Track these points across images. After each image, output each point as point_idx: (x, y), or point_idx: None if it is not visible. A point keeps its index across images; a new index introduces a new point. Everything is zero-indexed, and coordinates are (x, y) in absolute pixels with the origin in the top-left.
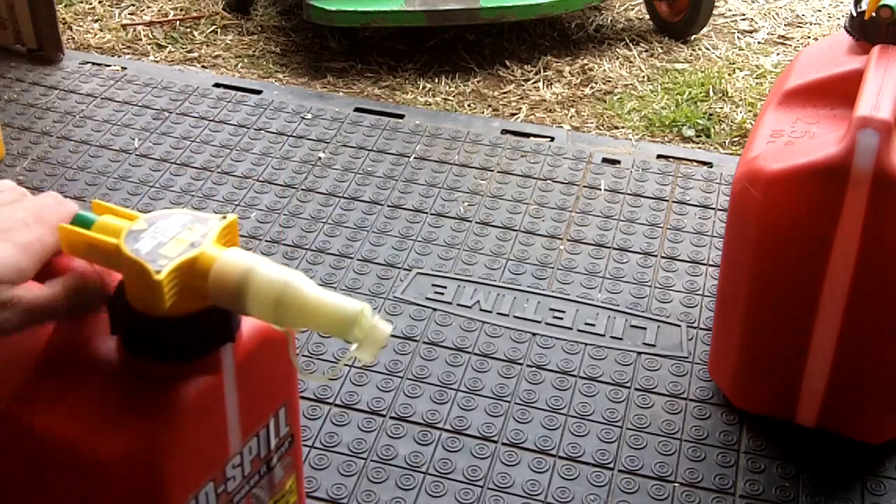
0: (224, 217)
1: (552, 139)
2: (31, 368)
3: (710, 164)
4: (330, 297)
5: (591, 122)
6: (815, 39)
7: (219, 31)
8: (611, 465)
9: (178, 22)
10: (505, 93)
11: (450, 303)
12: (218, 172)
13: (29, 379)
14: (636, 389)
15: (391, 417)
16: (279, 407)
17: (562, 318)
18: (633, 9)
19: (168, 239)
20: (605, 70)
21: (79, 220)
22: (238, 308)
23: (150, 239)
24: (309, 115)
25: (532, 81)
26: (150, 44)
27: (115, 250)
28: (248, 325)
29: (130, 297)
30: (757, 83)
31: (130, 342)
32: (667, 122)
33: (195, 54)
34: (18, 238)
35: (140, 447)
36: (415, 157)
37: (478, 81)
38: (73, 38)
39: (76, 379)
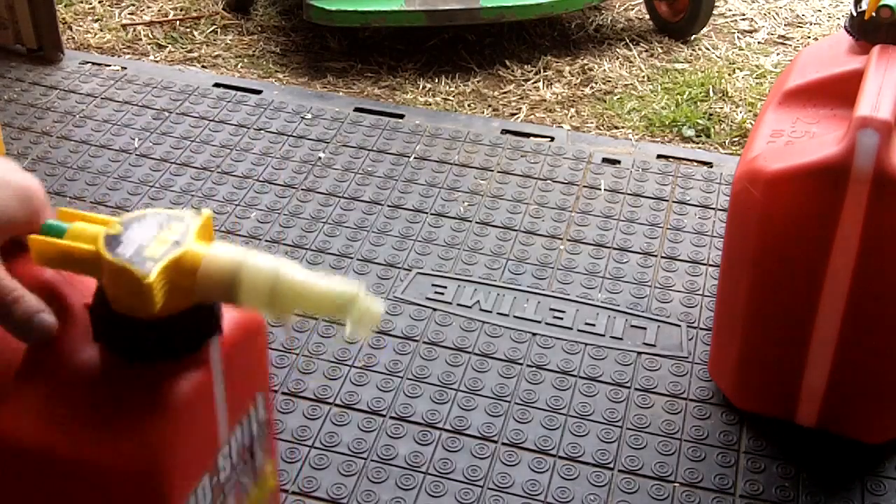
0: (199, 212)
1: (552, 139)
2: (10, 381)
3: (710, 164)
4: (323, 280)
5: (591, 122)
6: (815, 39)
7: (219, 31)
8: (611, 465)
9: (178, 22)
10: (505, 93)
11: (450, 303)
12: (218, 172)
13: (10, 392)
14: (636, 389)
15: (391, 417)
16: (257, 394)
17: (562, 318)
18: (633, 9)
19: (149, 240)
20: (605, 70)
21: (49, 230)
22: (230, 301)
23: (131, 242)
24: (309, 115)
25: (532, 81)
26: (150, 44)
27: (92, 257)
28: (226, 314)
29: (114, 302)
30: (757, 83)
31: (118, 346)
32: (667, 122)
33: (195, 54)
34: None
35: (143, 451)
36: (415, 157)
37: (478, 81)
38: (73, 38)
39: (64, 388)
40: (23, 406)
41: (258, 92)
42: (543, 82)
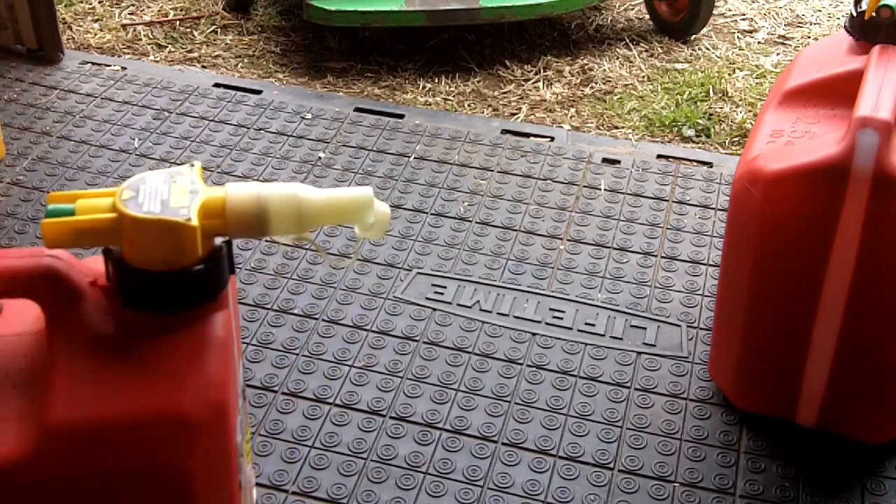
0: (192, 165)
1: (552, 139)
2: (40, 369)
3: (710, 164)
4: (336, 192)
5: (591, 122)
6: (815, 39)
7: (219, 31)
8: (611, 465)
9: (177, 22)
10: (505, 93)
11: (450, 303)
12: (218, 172)
13: (50, 379)
14: (636, 389)
15: (391, 417)
16: (239, 336)
17: (562, 318)
18: (633, 9)
19: (167, 194)
20: (605, 70)
21: (54, 213)
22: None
23: (152, 199)
24: (309, 115)
25: (532, 81)
26: (150, 44)
27: (111, 225)
28: None
29: (145, 262)
30: (757, 83)
31: (152, 303)
32: (667, 122)
33: (195, 54)
34: None
35: (211, 390)
36: (415, 157)
37: (478, 81)
38: (73, 38)
39: (105, 358)
40: (70, 389)
41: (258, 92)
42: (543, 82)
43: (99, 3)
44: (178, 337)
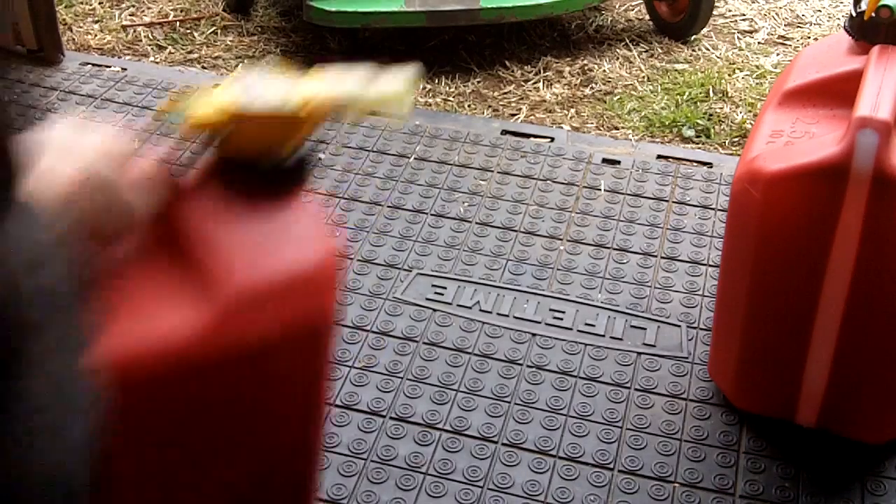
0: (268, 61)
1: (552, 140)
2: (202, 251)
3: (710, 165)
4: (380, 87)
5: (591, 123)
6: (815, 39)
7: (219, 32)
8: (611, 466)
9: (178, 23)
10: (505, 93)
11: (450, 303)
12: None
13: (217, 257)
14: (636, 390)
15: (391, 418)
16: None
17: (562, 319)
18: (633, 9)
19: (271, 89)
20: (605, 70)
21: (174, 118)
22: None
23: (258, 96)
24: None
25: (532, 82)
26: (150, 45)
27: (228, 119)
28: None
29: (252, 154)
30: (757, 83)
31: (269, 185)
32: (667, 123)
33: (195, 55)
34: None
35: (334, 255)
36: (415, 158)
37: (478, 82)
38: (74, 39)
39: (243, 234)
40: (226, 262)
41: None
42: (543, 83)
43: (99, 4)
44: (287, 214)
